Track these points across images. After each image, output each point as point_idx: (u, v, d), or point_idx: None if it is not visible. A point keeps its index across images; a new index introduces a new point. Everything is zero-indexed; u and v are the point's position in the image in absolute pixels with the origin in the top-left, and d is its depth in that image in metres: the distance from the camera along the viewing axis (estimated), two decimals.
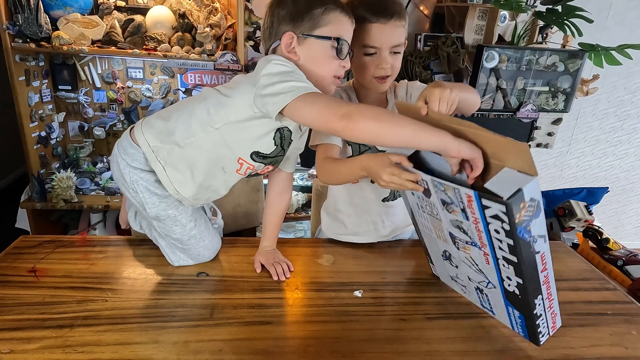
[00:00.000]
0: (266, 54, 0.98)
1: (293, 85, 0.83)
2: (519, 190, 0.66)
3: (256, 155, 0.99)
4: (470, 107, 1.02)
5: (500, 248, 0.74)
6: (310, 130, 1.11)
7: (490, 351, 0.85)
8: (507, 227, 0.69)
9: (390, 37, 1.03)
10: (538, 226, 0.70)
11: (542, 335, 0.84)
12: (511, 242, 0.70)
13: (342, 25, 0.93)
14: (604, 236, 1.77)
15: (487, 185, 0.69)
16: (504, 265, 0.77)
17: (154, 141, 0.97)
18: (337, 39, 0.92)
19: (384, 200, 1.23)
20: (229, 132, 0.95)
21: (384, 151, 0.94)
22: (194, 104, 0.98)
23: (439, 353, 0.83)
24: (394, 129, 0.77)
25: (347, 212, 1.26)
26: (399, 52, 1.06)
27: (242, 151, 0.97)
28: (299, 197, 2.32)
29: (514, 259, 0.73)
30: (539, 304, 0.78)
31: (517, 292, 0.79)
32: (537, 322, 0.81)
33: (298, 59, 0.93)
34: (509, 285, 0.80)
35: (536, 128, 2.26)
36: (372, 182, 1.20)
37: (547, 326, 0.83)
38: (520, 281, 0.76)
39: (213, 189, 1.04)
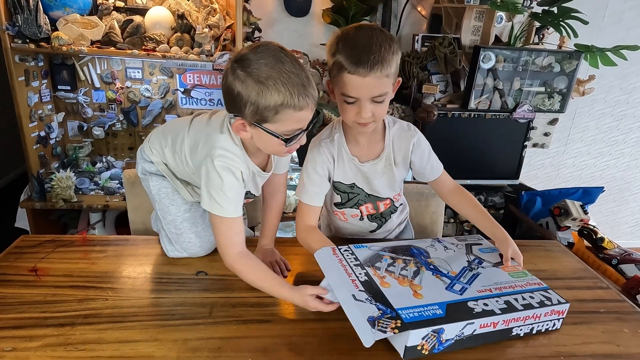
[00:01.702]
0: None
1: (218, 204, 0.95)
2: (404, 347, 0.78)
3: None
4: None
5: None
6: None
7: (483, 349, 0.86)
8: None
9: (370, 89, 0.95)
10: (450, 331, 0.81)
11: (553, 327, 0.92)
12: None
13: (293, 121, 0.89)
14: (598, 235, 1.78)
15: (390, 341, 0.84)
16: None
17: (158, 154, 1.13)
18: (287, 139, 0.91)
19: (371, 232, 1.30)
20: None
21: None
22: (184, 131, 1.07)
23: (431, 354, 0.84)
24: (261, 285, 0.95)
25: (340, 229, 1.32)
26: (382, 101, 0.98)
27: None
28: (297, 197, 2.33)
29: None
30: (520, 329, 0.88)
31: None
32: (534, 332, 0.91)
33: (249, 137, 0.94)
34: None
35: (532, 128, 2.28)
36: (360, 219, 1.25)
37: (553, 320, 0.91)
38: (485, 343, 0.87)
39: None
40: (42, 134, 2.09)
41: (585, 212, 2.04)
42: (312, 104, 0.89)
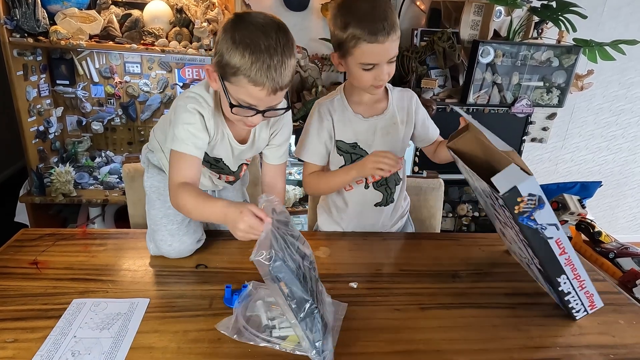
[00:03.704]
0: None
1: (176, 137, 0.95)
2: (514, 187, 0.77)
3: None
4: None
5: (515, 231, 0.88)
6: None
7: (481, 339, 0.87)
8: (511, 216, 0.82)
9: (388, 53, 1.04)
10: (544, 216, 0.81)
11: (577, 312, 0.94)
12: (518, 228, 0.83)
13: (246, 93, 0.89)
14: (596, 229, 1.80)
15: (493, 179, 0.79)
16: (525, 246, 0.90)
17: (157, 142, 1.16)
18: (233, 104, 0.91)
19: (376, 205, 1.28)
20: None
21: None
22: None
23: (432, 341, 0.86)
24: (201, 210, 0.90)
25: (341, 213, 1.31)
26: (394, 61, 1.08)
27: None
28: (296, 192, 2.34)
29: (526, 241, 0.86)
30: (564, 282, 0.90)
31: (541, 269, 0.91)
32: (566, 299, 0.92)
33: (215, 88, 0.96)
34: (533, 263, 0.93)
35: (531, 123, 2.28)
36: (365, 187, 1.25)
37: (583, 304, 0.93)
38: (537, 261, 0.89)
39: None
40: (41, 128, 2.09)
41: (583, 207, 2.05)
42: (271, 88, 0.87)
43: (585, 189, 2.27)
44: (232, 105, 0.91)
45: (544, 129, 2.37)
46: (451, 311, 0.95)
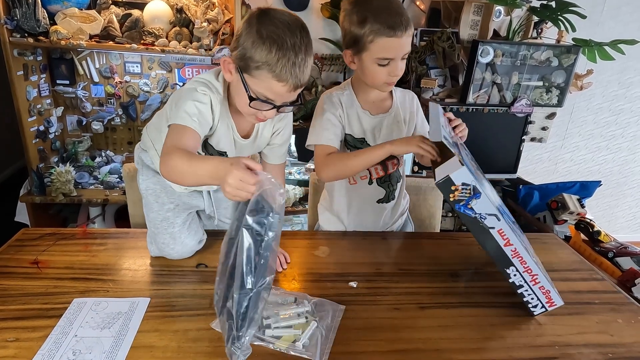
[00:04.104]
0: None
1: (178, 110, 0.91)
2: (447, 176, 0.83)
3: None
4: None
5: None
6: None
7: (480, 338, 0.88)
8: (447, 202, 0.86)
9: (404, 47, 1.07)
10: (482, 206, 0.86)
11: (533, 307, 0.95)
12: (457, 215, 0.83)
13: (267, 87, 0.89)
14: (595, 229, 1.80)
15: (435, 170, 0.89)
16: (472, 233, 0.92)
17: (150, 141, 1.13)
18: (252, 97, 0.90)
19: (378, 201, 1.28)
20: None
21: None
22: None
23: (431, 340, 0.86)
24: (191, 168, 0.81)
25: (343, 210, 1.31)
26: (406, 58, 1.11)
27: None
28: (296, 191, 2.34)
29: (468, 229, 0.91)
30: (514, 274, 0.92)
31: (491, 259, 0.93)
32: (519, 292, 0.94)
33: (230, 79, 0.94)
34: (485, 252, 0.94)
35: (530, 122, 2.28)
36: (369, 183, 1.25)
37: (539, 299, 0.94)
38: (485, 251, 0.92)
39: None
40: (41, 128, 2.09)
41: (583, 206, 2.06)
42: (293, 85, 0.88)
43: (585, 189, 2.27)
44: (251, 99, 0.91)
45: (544, 128, 2.37)
46: (450, 310, 0.96)
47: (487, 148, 2.24)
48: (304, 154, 2.44)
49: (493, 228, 0.88)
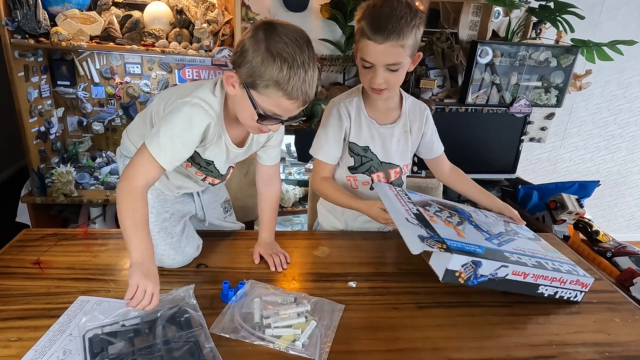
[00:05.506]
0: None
1: (159, 143, 0.90)
2: (445, 269, 0.86)
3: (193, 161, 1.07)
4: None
5: None
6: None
7: (478, 337, 0.88)
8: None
9: (384, 56, 1.04)
10: (487, 267, 0.89)
11: (574, 297, 1.01)
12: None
13: (276, 104, 0.88)
14: (594, 228, 1.81)
15: (430, 263, 0.92)
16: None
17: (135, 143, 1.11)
18: (262, 114, 0.90)
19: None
20: None
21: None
22: (159, 99, 1.04)
23: (430, 339, 0.87)
24: (125, 220, 0.87)
25: (343, 210, 1.32)
26: (397, 70, 1.06)
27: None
28: (296, 191, 2.35)
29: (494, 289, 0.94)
30: (545, 289, 0.97)
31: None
32: (557, 297, 0.99)
33: (233, 93, 0.92)
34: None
35: (529, 123, 2.29)
36: (370, 189, 1.28)
37: (574, 290, 1.00)
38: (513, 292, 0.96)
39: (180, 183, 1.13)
40: (42, 129, 2.10)
41: (581, 206, 2.06)
42: (302, 102, 0.89)
43: (584, 189, 2.28)
44: (260, 116, 0.90)
45: (543, 128, 2.38)
46: (449, 310, 0.97)
47: (486, 148, 2.25)
48: (304, 154, 2.44)
49: (507, 275, 0.91)
